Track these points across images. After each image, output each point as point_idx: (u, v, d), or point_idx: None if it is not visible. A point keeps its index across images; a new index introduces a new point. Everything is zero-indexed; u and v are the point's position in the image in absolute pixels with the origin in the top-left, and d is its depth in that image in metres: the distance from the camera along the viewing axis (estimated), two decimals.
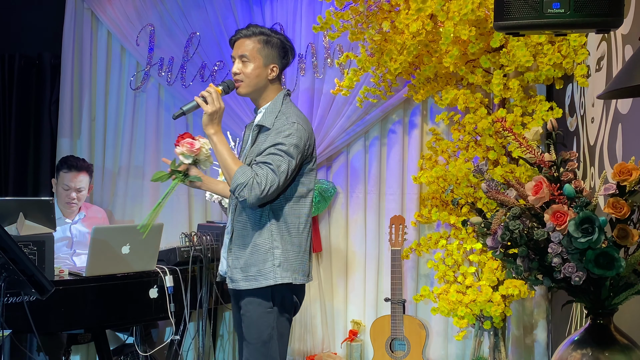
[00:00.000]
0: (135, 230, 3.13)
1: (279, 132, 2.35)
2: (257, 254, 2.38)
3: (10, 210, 2.99)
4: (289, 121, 2.38)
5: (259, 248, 2.38)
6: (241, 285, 2.40)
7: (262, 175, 2.28)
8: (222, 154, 2.36)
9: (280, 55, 2.48)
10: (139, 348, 3.51)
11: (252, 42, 2.44)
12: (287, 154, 2.32)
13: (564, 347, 1.64)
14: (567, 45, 2.96)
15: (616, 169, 1.57)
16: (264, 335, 2.37)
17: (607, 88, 1.58)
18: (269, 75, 2.46)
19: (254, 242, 2.39)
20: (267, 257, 2.37)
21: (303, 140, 2.38)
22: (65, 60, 4.17)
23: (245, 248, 2.40)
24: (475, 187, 3.29)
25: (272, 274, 2.36)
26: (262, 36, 2.45)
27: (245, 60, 2.44)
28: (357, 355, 3.79)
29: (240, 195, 2.29)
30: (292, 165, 2.33)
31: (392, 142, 3.83)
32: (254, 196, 2.27)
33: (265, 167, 2.30)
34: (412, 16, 3.03)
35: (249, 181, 2.27)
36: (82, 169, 3.66)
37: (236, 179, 2.29)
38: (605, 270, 1.50)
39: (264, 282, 2.36)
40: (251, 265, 2.38)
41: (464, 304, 3.21)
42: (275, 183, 2.28)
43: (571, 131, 3.05)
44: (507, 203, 1.67)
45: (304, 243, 2.46)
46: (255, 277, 2.37)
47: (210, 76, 4.03)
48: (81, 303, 2.97)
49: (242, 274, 2.39)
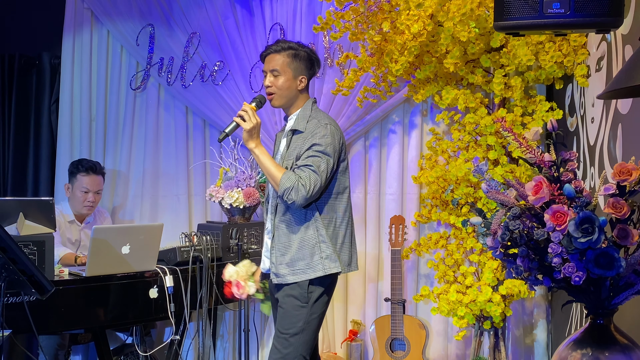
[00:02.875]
0: (136, 230, 3.14)
1: (314, 134, 2.54)
2: (305, 248, 2.56)
3: (10, 210, 2.99)
4: (322, 123, 2.57)
5: (306, 243, 2.56)
6: (289, 279, 2.56)
7: (305, 178, 2.47)
8: (265, 164, 2.54)
9: (307, 67, 2.66)
10: (139, 348, 3.51)
11: (282, 57, 2.62)
12: (324, 154, 2.53)
13: (564, 347, 1.64)
14: (568, 44, 2.96)
15: (616, 169, 1.57)
16: (295, 327, 2.54)
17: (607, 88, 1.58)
18: (299, 86, 2.64)
19: (301, 238, 2.57)
20: (315, 251, 2.55)
21: (337, 138, 2.58)
22: (65, 60, 4.17)
23: (291, 244, 2.58)
24: (475, 187, 3.29)
25: (320, 265, 2.54)
26: (290, 50, 2.63)
27: (277, 74, 2.61)
28: (357, 355, 3.79)
29: (289, 199, 2.48)
30: (330, 164, 2.54)
31: (392, 142, 3.83)
32: (301, 197, 2.46)
33: (307, 170, 2.50)
34: (414, 17, 3.03)
35: (295, 184, 2.46)
36: (99, 171, 3.74)
37: (282, 184, 2.48)
38: (605, 270, 1.50)
39: (313, 274, 2.54)
40: (299, 259, 2.56)
41: (464, 304, 3.21)
42: (318, 182, 2.49)
43: (571, 131, 3.05)
44: (507, 203, 1.67)
45: (346, 235, 2.65)
46: (304, 270, 2.55)
47: (210, 76, 4.03)
48: (81, 303, 2.97)
49: (289, 268, 2.56)
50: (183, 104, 4.14)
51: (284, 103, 2.66)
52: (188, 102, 4.09)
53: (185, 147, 4.14)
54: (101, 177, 3.74)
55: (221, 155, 3.93)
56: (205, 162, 4.12)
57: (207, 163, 4.12)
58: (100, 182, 3.72)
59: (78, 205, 3.67)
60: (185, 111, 4.17)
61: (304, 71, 2.65)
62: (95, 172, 3.69)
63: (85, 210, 3.68)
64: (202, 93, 4.04)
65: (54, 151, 4.22)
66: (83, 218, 3.74)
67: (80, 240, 3.69)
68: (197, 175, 4.14)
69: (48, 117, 4.27)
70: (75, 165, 3.71)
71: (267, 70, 2.64)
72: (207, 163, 4.12)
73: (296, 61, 2.63)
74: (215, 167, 3.99)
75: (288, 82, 2.62)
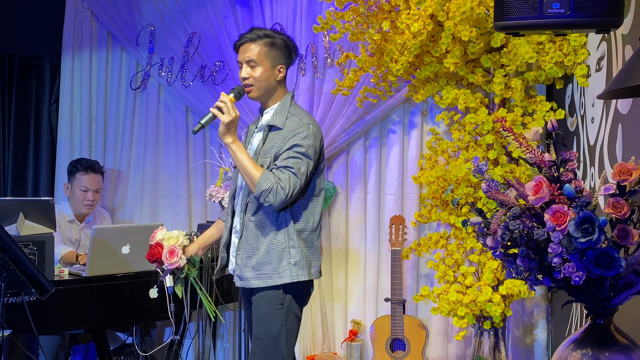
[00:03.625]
0: (136, 230, 3.14)
1: (295, 134, 2.39)
2: (273, 252, 2.40)
3: (10, 210, 3.00)
4: (303, 122, 2.42)
5: (275, 247, 2.41)
6: (252, 283, 2.42)
7: (285, 180, 2.32)
8: (242, 162, 2.37)
9: (285, 55, 2.50)
10: (139, 348, 3.51)
11: (258, 46, 2.45)
12: (305, 156, 2.38)
13: (564, 347, 1.64)
14: (568, 45, 2.96)
15: (616, 169, 1.57)
16: (274, 331, 2.40)
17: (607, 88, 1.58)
18: (277, 76, 2.49)
19: (270, 241, 2.41)
20: (283, 256, 2.40)
21: (318, 140, 2.45)
22: (65, 60, 4.17)
23: (259, 247, 2.42)
24: (475, 187, 3.29)
25: (287, 272, 2.39)
26: (266, 39, 2.46)
27: (254, 64, 2.45)
28: (357, 355, 3.79)
29: (266, 201, 2.33)
30: (310, 166, 2.40)
31: (392, 142, 3.83)
32: (280, 200, 2.31)
33: (287, 171, 2.35)
34: (414, 16, 3.03)
35: (274, 186, 2.31)
36: (98, 170, 3.74)
37: (260, 185, 2.32)
38: (605, 270, 1.50)
39: (279, 280, 2.39)
40: (265, 263, 2.40)
41: (464, 304, 3.21)
42: (297, 185, 2.34)
43: (571, 131, 3.05)
44: (507, 203, 1.66)
45: (317, 240, 2.52)
46: (269, 276, 2.40)
47: (210, 76, 4.04)
48: (81, 303, 2.97)
49: (254, 272, 2.41)
50: (183, 104, 4.14)
51: (262, 95, 2.49)
52: (188, 102, 4.09)
53: (185, 147, 4.14)
54: (100, 176, 3.74)
55: (221, 155, 3.93)
56: (205, 162, 4.12)
57: (207, 163, 4.12)
58: (99, 180, 3.72)
59: (78, 205, 3.67)
60: (185, 111, 4.17)
61: (281, 60, 2.48)
62: (94, 171, 3.70)
63: (84, 209, 3.68)
64: (202, 93, 4.04)
65: (54, 151, 4.22)
66: (83, 218, 3.74)
67: (80, 240, 3.70)
68: (197, 175, 4.14)
69: (48, 117, 4.27)
70: (74, 165, 3.72)
71: (243, 60, 2.46)
72: (207, 163, 4.12)
73: (273, 50, 2.46)
74: (215, 167, 3.99)
75: (266, 72, 2.45)
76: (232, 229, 2.55)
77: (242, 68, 2.48)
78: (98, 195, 3.74)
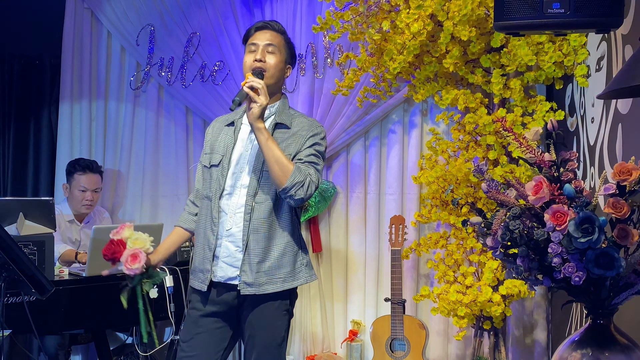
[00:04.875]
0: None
1: (315, 134, 2.34)
2: (289, 255, 2.30)
3: (10, 210, 3.00)
4: (316, 124, 2.38)
5: (290, 249, 2.31)
6: (267, 288, 2.26)
7: (313, 175, 2.26)
8: (274, 151, 2.19)
9: (293, 57, 2.46)
10: (139, 348, 3.51)
11: (279, 36, 2.38)
12: (322, 156, 2.36)
13: (564, 347, 1.64)
14: (567, 45, 2.96)
15: (616, 169, 1.57)
16: (279, 338, 2.32)
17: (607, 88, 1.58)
18: (286, 73, 2.43)
19: (285, 243, 2.30)
20: (297, 258, 2.33)
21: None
22: (65, 60, 4.17)
23: (271, 250, 2.28)
24: (475, 187, 3.29)
25: (302, 273, 2.34)
26: (285, 35, 2.43)
27: (273, 49, 2.34)
28: (357, 355, 3.79)
29: (296, 194, 2.20)
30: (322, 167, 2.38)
31: (392, 142, 3.83)
32: (308, 195, 2.22)
33: (313, 167, 2.28)
34: (413, 16, 3.03)
35: (306, 180, 2.21)
36: (97, 170, 3.74)
37: (294, 177, 2.19)
38: (605, 270, 1.50)
39: (294, 283, 2.32)
40: (281, 267, 2.29)
41: (464, 304, 3.21)
42: (318, 184, 2.29)
43: (571, 131, 3.05)
44: (507, 203, 1.66)
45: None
46: (284, 279, 2.29)
47: (210, 76, 4.04)
48: (81, 303, 2.97)
49: (267, 277, 2.26)
50: (183, 104, 4.14)
51: (271, 84, 2.31)
52: (188, 102, 4.10)
53: (185, 147, 4.14)
54: (99, 176, 3.74)
55: None
56: None
57: None
58: (97, 180, 3.72)
59: (77, 205, 3.67)
60: (185, 111, 4.17)
61: (290, 60, 2.42)
62: (93, 171, 3.70)
63: (84, 209, 3.69)
64: (202, 93, 4.04)
65: (54, 151, 4.21)
66: (82, 217, 3.74)
67: (80, 239, 3.70)
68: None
69: (48, 117, 4.27)
70: (72, 165, 3.72)
71: (261, 43, 2.32)
72: None
73: (288, 47, 2.41)
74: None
75: (281, 63, 2.35)
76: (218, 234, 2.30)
77: (255, 51, 2.33)
78: (97, 195, 3.74)
